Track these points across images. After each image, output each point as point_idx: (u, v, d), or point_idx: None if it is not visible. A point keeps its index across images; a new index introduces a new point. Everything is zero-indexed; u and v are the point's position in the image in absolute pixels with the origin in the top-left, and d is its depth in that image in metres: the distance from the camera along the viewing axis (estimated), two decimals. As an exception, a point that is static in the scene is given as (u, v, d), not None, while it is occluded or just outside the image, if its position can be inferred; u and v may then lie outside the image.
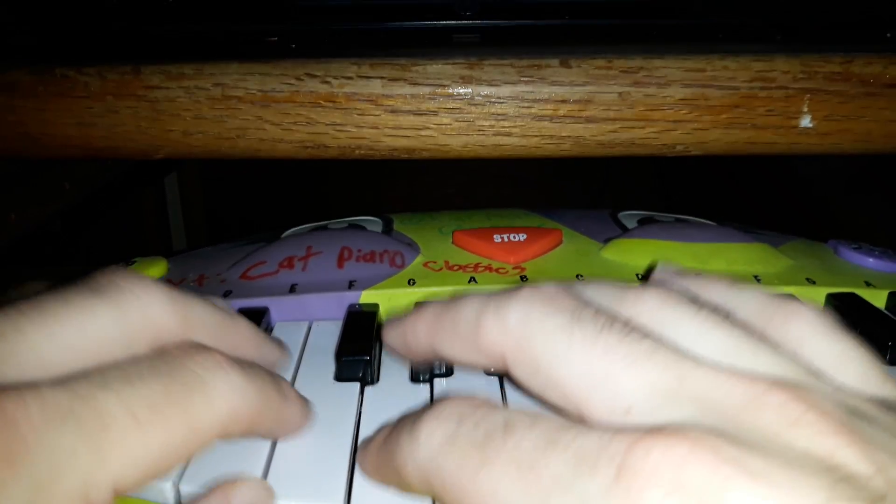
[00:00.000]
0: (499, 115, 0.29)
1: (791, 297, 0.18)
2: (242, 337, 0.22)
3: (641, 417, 0.15)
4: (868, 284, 0.30)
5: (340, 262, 0.32)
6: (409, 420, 0.17)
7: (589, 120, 0.29)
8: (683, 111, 0.29)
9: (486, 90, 0.29)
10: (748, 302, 0.19)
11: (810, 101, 0.29)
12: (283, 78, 0.29)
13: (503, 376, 0.25)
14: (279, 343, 0.25)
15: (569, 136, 0.30)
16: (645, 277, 0.30)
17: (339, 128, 0.30)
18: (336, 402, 0.24)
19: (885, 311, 0.28)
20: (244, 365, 0.18)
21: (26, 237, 0.45)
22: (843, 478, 0.12)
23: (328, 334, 0.28)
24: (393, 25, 0.34)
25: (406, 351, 0.22)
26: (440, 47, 0.32)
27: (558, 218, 0.38)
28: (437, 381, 0.25)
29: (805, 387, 0.14)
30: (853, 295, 0.29)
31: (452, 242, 0.35)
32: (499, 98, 0.29)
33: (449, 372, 0.26)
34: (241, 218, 0.90)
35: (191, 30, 0.34)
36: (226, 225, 0.91)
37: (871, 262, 0.33)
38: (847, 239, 0.35)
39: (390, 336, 0.22)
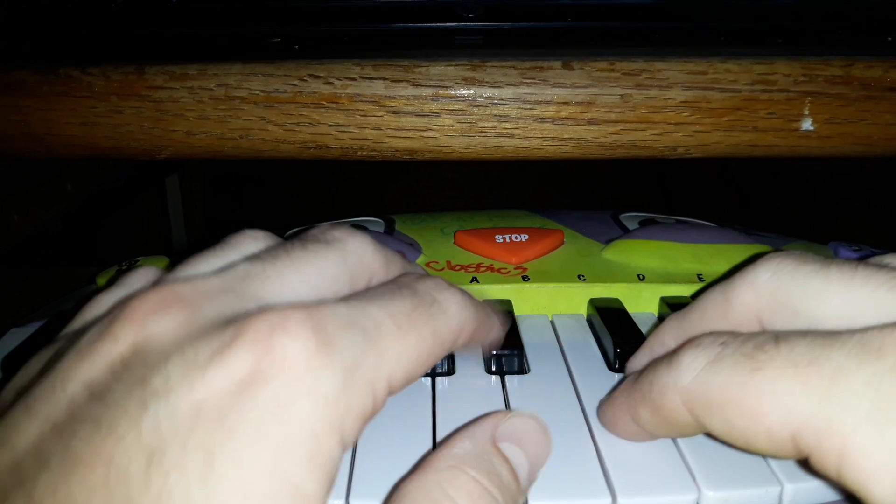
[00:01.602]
0: (501, 116, 0.30)
1: None
2: (411, 268, 0.24)
3: None
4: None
5: (342, 262, 0.32)
6: (662, 360, 0.19)
7: (591, 122, 0.29)
8: (685, 113, 0.29)
9: (488, 92, 0.29)
10: None
11: (811, 105, 0.29)
12: (286, 79, 0.29)
13: (503, 375, 0.26)
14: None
15: (571, 138, 0.30)
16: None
17: (341, 129, 0.30)
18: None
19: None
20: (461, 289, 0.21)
21: (29, 238, 0.45)
22: None
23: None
24: (396, 27, 0.34)
25: (651, 355, 0.23)
26: (443, 49, 0.32)
27: (560, 219, 0.38)
28: (438, 378, 0.25)
29: None
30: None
31: (454, 243, 0.35)
32: (501, 100, 0.29)
33: (451, 371, 0.26)
34: (243, 219, 0.90)
35: (194, 30, 0.34)
36: (227, 226, 0.91)
37: (871, 264, 0.33)
38: (847, 241, 0.35)
39: (639, 360, 0.24)
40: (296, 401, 0.14)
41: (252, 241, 0.20)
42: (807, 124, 0.29)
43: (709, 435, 0.18)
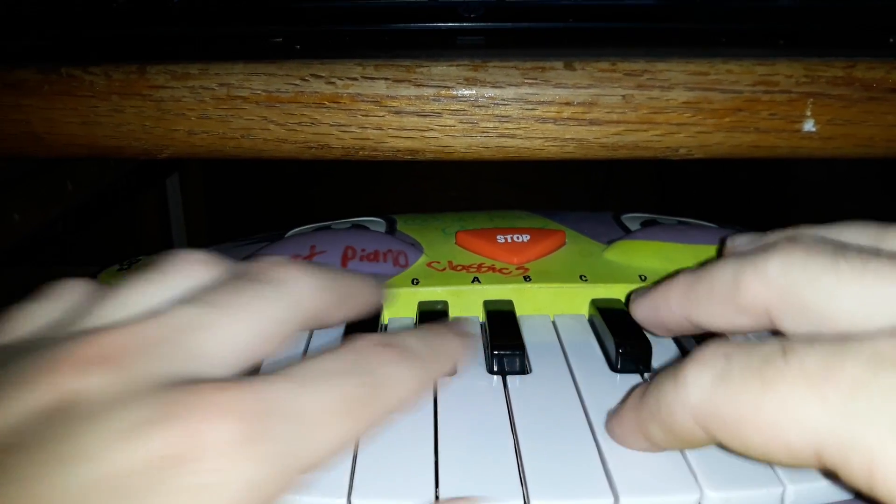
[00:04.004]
0: (503, 116, 0.30)
1: None
2: (359, 290, 0.24)
3: None
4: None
5: (344, 261, 0.32)
6: (667, 374, 0.18)
7: (593, 122, 0.29)
8: (687, 114, 0.29)
9: (490, 92, 0.29)
10: None
11: (813, 106, 0.29)
12: (287, 78, 0.29)
13: (504, 375, 0.25)
14: (377, 280, 0.27)
15: (572, 139, 0.30)
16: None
17: (343, 128, 0.30)
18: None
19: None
20: (422, 342, 0.20)
21: (29, 237, 0.45)
22: None
23: (331, 334, 0.28)
24: (398, 27, 0.34)
25: (658, 322, 0.23)
26: (444, 49, 0.32)
27: (561, 219, 0.38)
28: (439, 379, 0.25)
29: None
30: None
31: (456, 243, 0.35)
32: (503, 100, 0.29)
33: (452, 371, 0.26)
34: (243, 218, 0.90)
35: (196, 30, 0.34)
36: (227, 226, 0.91)
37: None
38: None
39: (640, 310, 0.24)
40: (215, 488, 0.14)
41: (191, 272, 0.19)
42: (808, 125, 0.29)
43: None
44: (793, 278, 0.19)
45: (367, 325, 0.26)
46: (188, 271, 0.19)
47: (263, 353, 0.19)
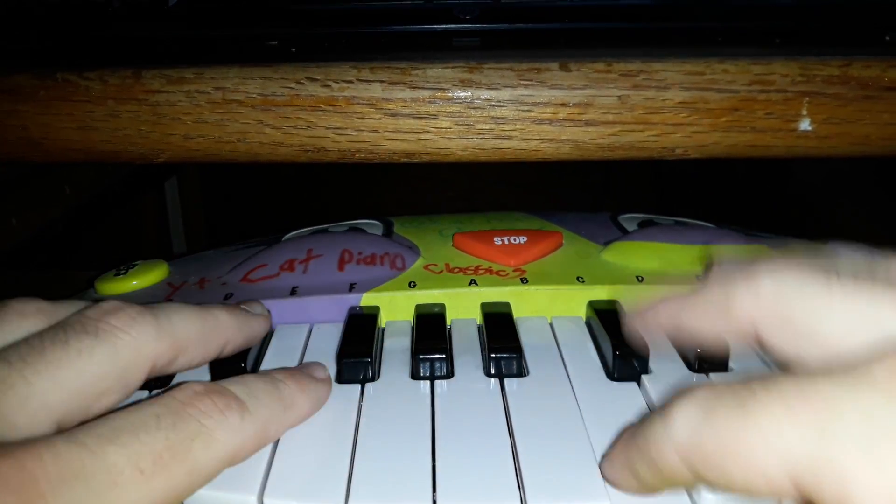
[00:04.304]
0: (498, 118, 0.29)
1: None
2: (225, 329, 0.23)
3: None
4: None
5: (341, 264, 0.32)
6: (656, 414, 0.18)
7: (588, 123, 0.29)
8: (683, 114, 0.29)
9: (485, 94, 0.29)
10: None
11: (809, 105, 0.29)
12: (283, 82, 0.29)
13: (502, 378, 0.25)
14: (259, 311, 0.26)
15: (568, 140, 0.30)
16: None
17: (338, 131, 0.30)
18: (337, 403, 0.24)
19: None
20: (247, 392, 0.19)
21: (27, 242, 0.45)
22: None
23: (329, 337, 0.28)
24: (393, 29, 0.34)
25: (644, 326, 0.23)
26: (440, 51, 0.32)
27: (558, 221, 0.38)
28: (437, 382, 0.25)
29: None
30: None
31: (453, 245, 0.35)
32: (498, 101, 0.29)
33: (450, 374, 0.26)
34: (241, 222, 0.90)
35: (191, 34, 0.34)
36: (226, 229, 0.91)
37: (870, 264, 0.33)
38: (847, 241, 0.35)
39: (628, 322, 0.24)
40: None
41: (14, 322, 0.18)
42: (805, 124, 0.29)
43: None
44: (784, 297, 0.18)
45: (233, 361, 0.25)
46: (12, 320, 0.18)
47: (100, 407, 0.18)
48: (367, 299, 0.30)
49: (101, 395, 0.18)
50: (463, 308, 0.30)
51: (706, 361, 0.26)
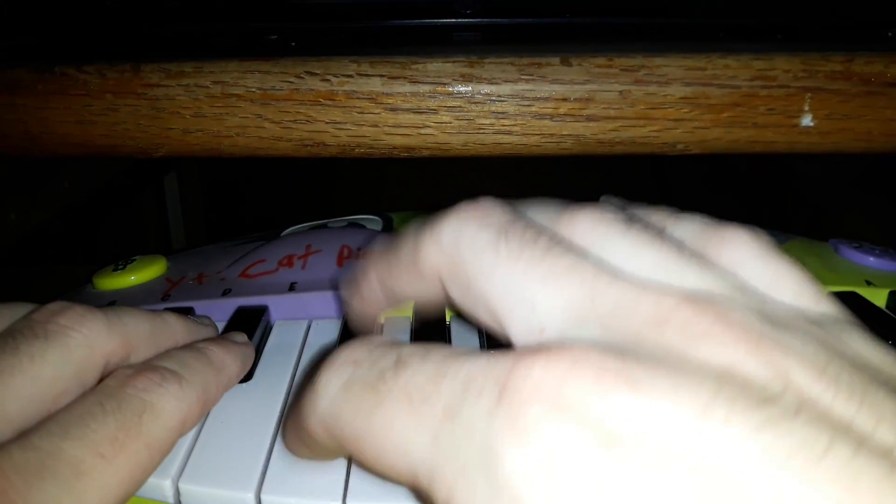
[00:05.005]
0: (499, 113, 0.29)
1: (730, 222, 0.18)
2: (175, 331, 0.23)
3: (553, 337, 0.14)
4: (869, 283, 0.30)
5: (340, 260, 0.32)
6: (307, 380, 0.17)
7: (589, 118, 0.29)
8: (684, 110, 0.29)
9: (486, 88, 0.29)
10: (686, 225, 0.18)
11: (811, 100, 0.29)
12: (282, 76, 0.29)
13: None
14: (207, 322, 0.26)
15: (569, 135, 0.30)
16: None
17: (338, 126, 0.30)
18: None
19: (886, 311, 0.28)
20: (178, 363, 0.20)
21: (27, 237, 0.45)
22: (732, 381, 0.12)
23: (328, 333, 0.28)
24: (393, 23, 0.34)
25: (365, 309, 0.21)
26: (440, 45, 0.32)
27: (558, 217, 0.38)
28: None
29: (721, 301, 0.14)
30: (854, 294, 0.29)
31: (452, 241, 0.35)
32: (499, 96, 0.29)
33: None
34: (241, 217, 0.90)
35: (190, 28, 0.34)
36: (225, 224, 0.91)
37: (871, 260, 0.33)
38: (848, 238, 0.35)
39: (350, 302, 0.22)
40: None
41: None
42: (806, 120, 0.29)
43: None
44: (461, 248, 0.16)
45: None
46: None
47: (59, 407, 0.18)
48: (366, 295, 0.30)
49: (59, 396, 0.18)
50: (463, 304, 0.30)
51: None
